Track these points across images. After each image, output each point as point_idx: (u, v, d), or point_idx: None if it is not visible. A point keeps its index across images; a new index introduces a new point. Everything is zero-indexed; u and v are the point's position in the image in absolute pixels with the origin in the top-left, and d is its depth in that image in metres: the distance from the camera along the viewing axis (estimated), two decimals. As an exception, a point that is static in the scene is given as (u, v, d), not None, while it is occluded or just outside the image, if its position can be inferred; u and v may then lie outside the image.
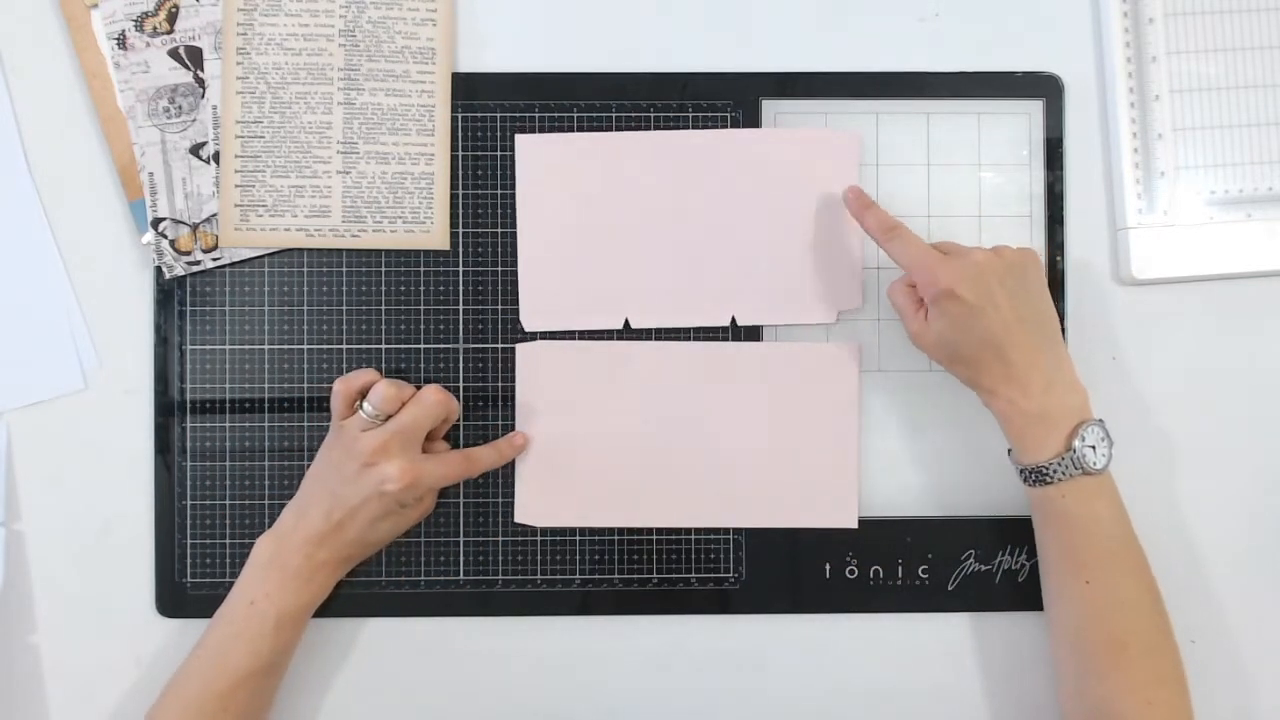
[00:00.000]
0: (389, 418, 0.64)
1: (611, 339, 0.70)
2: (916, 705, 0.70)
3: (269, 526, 0.66)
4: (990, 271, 0.62)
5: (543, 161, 0.70)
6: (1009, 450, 0.64)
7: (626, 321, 0.70)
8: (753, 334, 0.70)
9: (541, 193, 0.69)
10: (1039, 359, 0.62)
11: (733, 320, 0.70)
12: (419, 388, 0.66)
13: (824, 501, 0.69)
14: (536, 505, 0.69)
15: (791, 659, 0.70)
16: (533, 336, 0.70)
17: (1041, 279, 0.64)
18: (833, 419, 0.69)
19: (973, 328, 0.61)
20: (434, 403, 0.65)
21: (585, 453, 0.69)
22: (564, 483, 0.69)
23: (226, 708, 0.61)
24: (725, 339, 0.70)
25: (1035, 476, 0.62)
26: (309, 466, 0.67)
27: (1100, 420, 0.62)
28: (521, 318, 0.69)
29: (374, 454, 0.63)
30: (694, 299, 0.70)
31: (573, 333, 0.70)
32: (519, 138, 0.69)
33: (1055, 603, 0.64)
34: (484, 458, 0.67)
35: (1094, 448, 0.61)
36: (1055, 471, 0.61)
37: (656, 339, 0.70)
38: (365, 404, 0.64)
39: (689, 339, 0.70)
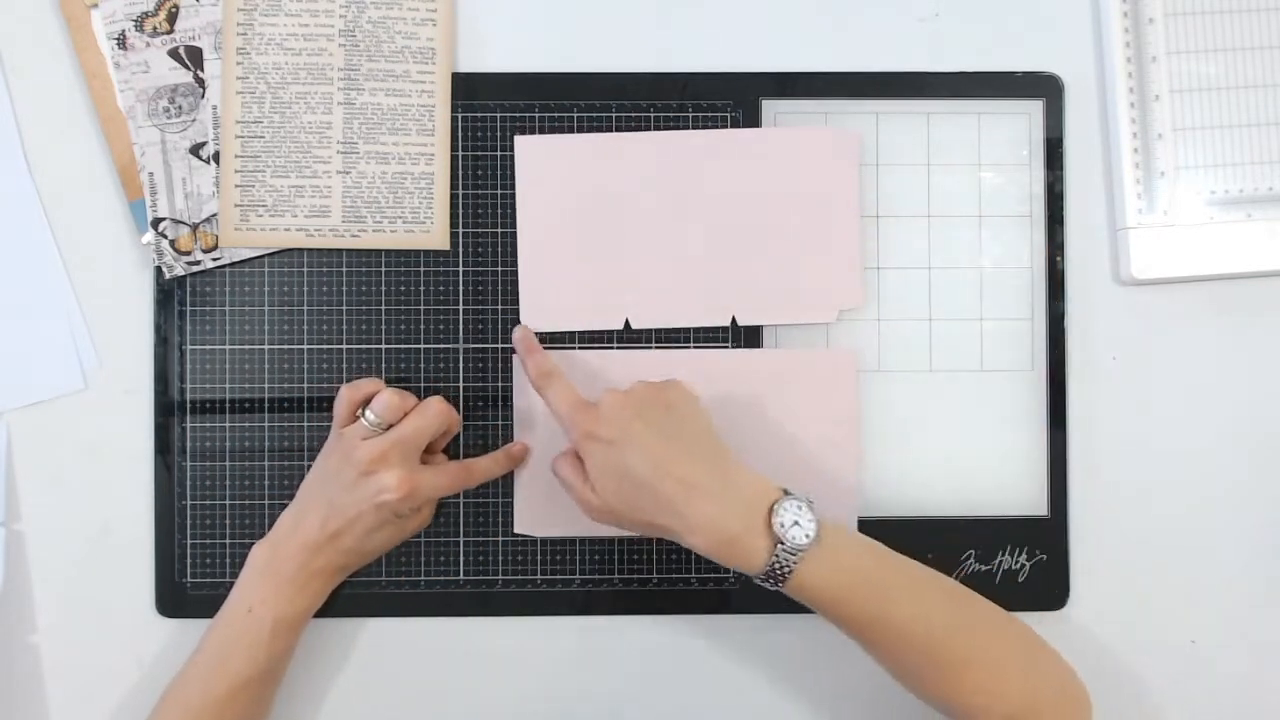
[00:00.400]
0: (390, 427, 0.64)
1: (612, 339, 0.70)
2: (916, 705, 0.70)
3: (269, 527, 0.66)
4: (624, 407, 0.60)
5: (542, 162, 0.69)
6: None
7: (627, 322, 0.70)
8: (753, 333, 0.70)
9: (541, 193, 0.69)
10: (697, 479, 0.59)
11: (733, 320, 0.70)
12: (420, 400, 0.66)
13: (824, 507, 0.69)
14: (536, 516, 0.69)
15: (791, 659, 0.70)
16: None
17: (689, 406, 0.62)
18: (833, 426, 0.69)
19: (618, 466, 0.59)
20: (436, 413, 0.65)
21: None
22: (563, 494, 0.69)
23: (224, 713, 0.61)
24: (725, 339, 0.70)
25: (769, 580, 0.58)
26: (308, 468, 0.67)
27: (786, 492, 0.59)
28: (522, 318, 0.69)
29: (373, 462, 0.63)
30: (694, 299, 0.70)
31: (573, 333, 0.70)
32: (518, 139, 0.69)
33: (883, 661, 0.61)
34: (483, 468, 0.67)
35: (797, 523, 0.57)
36: (781, 568, 0.57)
37: (657, 339, 0.70)
38: (368, 412, 0.64)
39: (689, 339, 0.70)
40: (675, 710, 0.70)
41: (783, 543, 0.57)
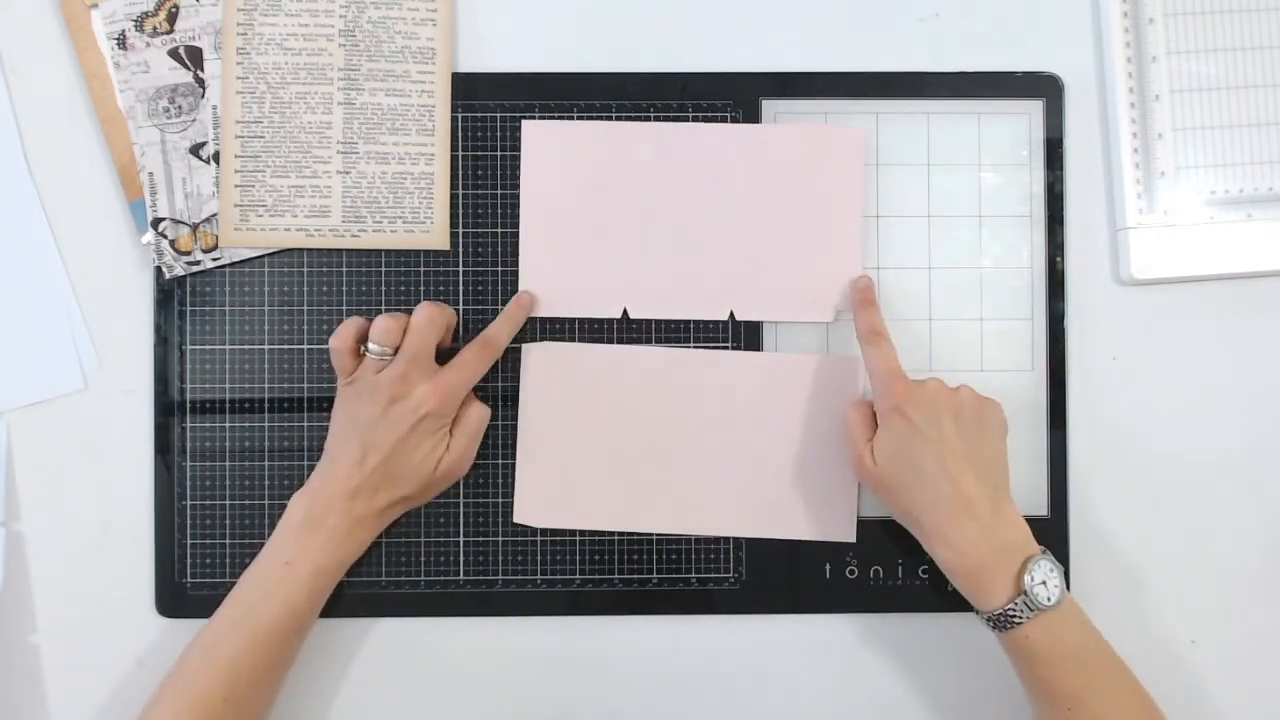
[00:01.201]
0: (396, 350, 0.64)
1: (610, 328, 0.70)
2: (916, 705, 0.70)
3: (269, 527, 0.66)
4: (944, 403, 0.62)
5: (548, 148, 0.69)
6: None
7: (625, 311, 0.70)
8: (752, 329, 0.70)
9: (545, 180, 0.69)
10: (974, 499, 0.61)
11: (731, 315, 0.70)
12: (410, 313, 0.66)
13: (823, 514, 0.69)
14: (536, 506, 0.69)
15: (791, 659, 0.70)
16: (533, 324, 0.69)
17: (1000, 431, 0.64)
18: (833, 432, 0.69)
19: (912, 451, 0.62)
20: (430, 319, 0.65)
21: (586, 455, 0.69)
22: (564, 485, 0.69)
23: (254, 660, 0.62)
24: (724, 333, 0.70)
25: (996, 623, 0.61)
26: (309, 468, 0.67)
27: (1044, 551, 0.62)
28: (521, 308, 0.70)
29: (395, 385, 0.63)
30: (693, 292, 0.70)
31: (571, 320, 0.70)
32: (525, 123, 0.69)
33: None
34: (500, 333, 0.67)
35: (1044, 583, 0.60)
36: (1014, 617, 0.60)
37: (654, 331, 0.70)
38: (370, 344, 0.64)
39: (687, 331, 0.70)
40: (675, 710, 0.70)
41: (1026, 595, 0.60)
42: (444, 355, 0.67)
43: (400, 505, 0.67)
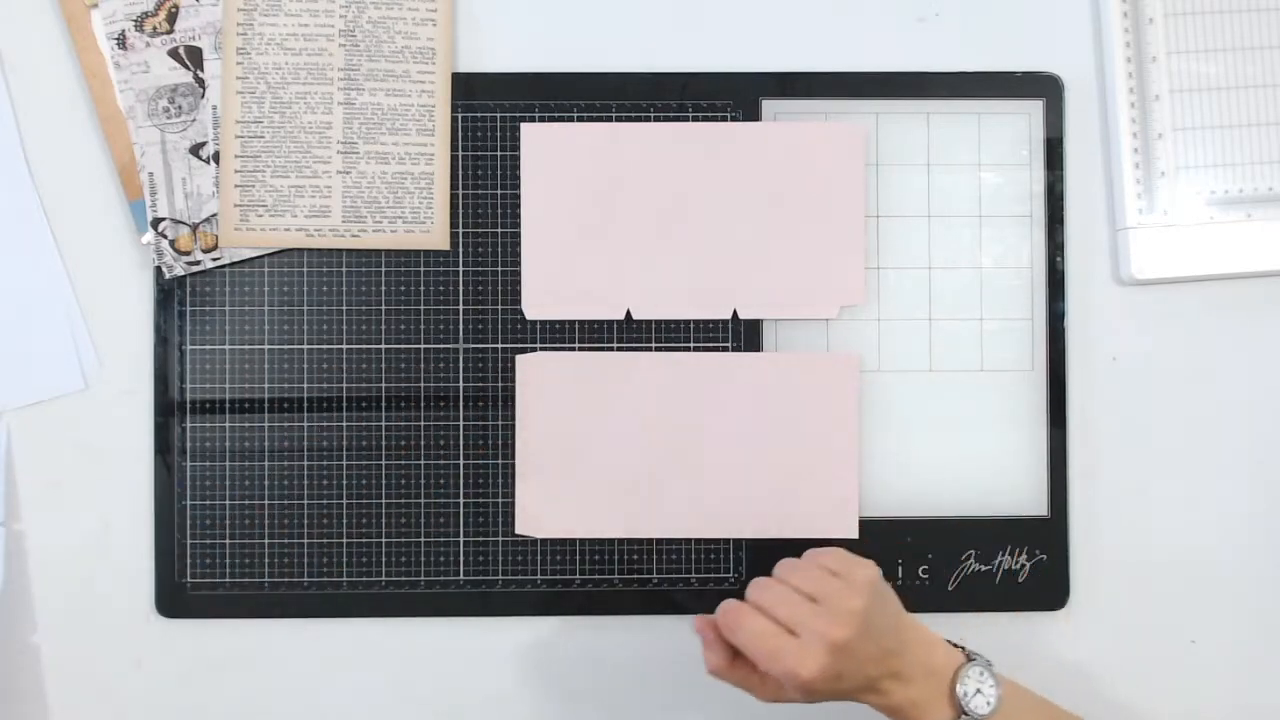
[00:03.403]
0: None
1: (612, 330, 0.70)
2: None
3: (269, 527, 0.66)
4: (853, 601, 0.57)
5: (548, 151, 0.69)
6: None
7: (628, 313, 0.70)
8: (753, 328, 0.70)
9: (545, 183, 0.69)
10: (903, 668, 0.58)
11: (734, 314, 0.70)
12: None
13: (825, 512, 0.69)
14: (537, 516, 0.69)
15: (791, 659, 0.70)
16: (534, 326, 0.69)
17: (873, 586, 0.58)
18: (833, 430, 0.69)
19: (834, 689, 0.57)
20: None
21: (585, 464, 0.69)
22: (564, 494, 0.69)
23: None
24: (725, 333, 0.70)
25: None
26: (308, 468, 0.67)
27: (969, 658, 0.59)
28: (523, 307, 0.69)
29: None
30: (696, 292, 0.70)
31: (574, 324, 0.70)
32: (524, 126, 0.69)
33: None
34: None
35: (979, 691, 0.58)
36: None
37: (658, 331, 0.70)
38: None
39: (687, 331, 0.70)
40: (676, 710, 0.70)
41: (965, 713, 0.57)
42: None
43: None
